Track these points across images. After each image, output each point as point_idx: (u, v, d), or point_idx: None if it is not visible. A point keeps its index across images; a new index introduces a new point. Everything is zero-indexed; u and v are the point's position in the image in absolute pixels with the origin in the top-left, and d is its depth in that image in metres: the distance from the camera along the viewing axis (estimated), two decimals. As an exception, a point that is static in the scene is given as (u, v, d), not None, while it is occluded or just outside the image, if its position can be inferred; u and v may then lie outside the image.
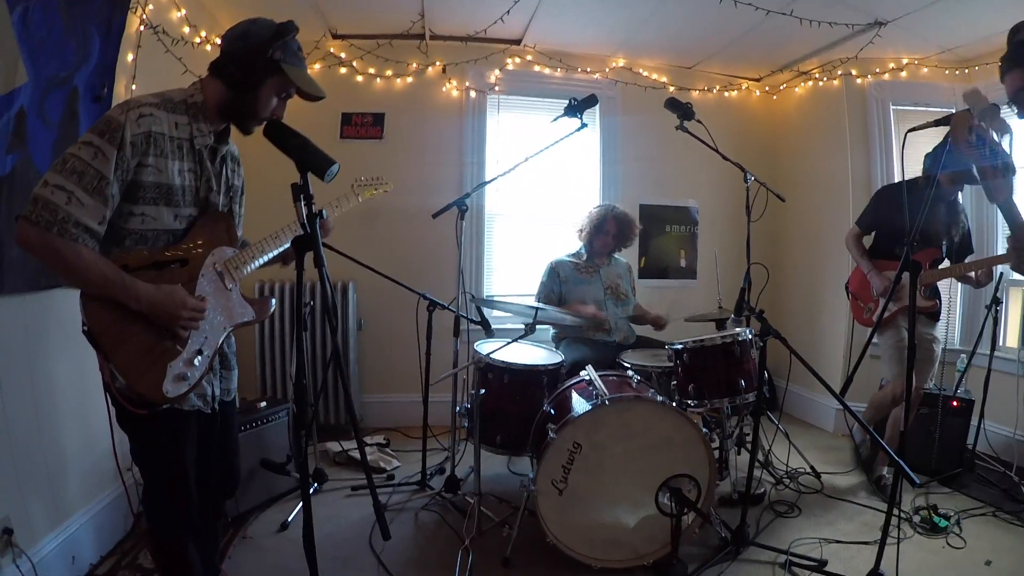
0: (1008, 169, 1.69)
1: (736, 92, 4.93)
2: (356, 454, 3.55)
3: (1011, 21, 3.54)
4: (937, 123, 1.92)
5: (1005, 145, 1.75)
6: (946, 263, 3.27)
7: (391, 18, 3.92)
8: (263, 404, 2.99)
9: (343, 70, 4.13)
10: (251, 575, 2.32)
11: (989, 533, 2.80)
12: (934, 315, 3.28)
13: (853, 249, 3.40)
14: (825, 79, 4.51)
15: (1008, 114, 1.89)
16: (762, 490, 3.16)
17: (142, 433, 1.62)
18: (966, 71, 4.15)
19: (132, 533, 2.55)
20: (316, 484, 3.10)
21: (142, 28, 2.66)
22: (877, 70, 4.27)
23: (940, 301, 3.32)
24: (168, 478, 1.65)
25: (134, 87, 2.55)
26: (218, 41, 3.31)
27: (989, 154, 1.68)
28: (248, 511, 2.79)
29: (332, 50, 4.10)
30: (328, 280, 1.44)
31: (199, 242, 1.64)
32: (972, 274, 3.15)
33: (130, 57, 2.55)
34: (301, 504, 2.86)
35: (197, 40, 3.20)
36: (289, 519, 2.75)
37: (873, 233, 3.43)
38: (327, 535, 2.61)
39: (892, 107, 4.30)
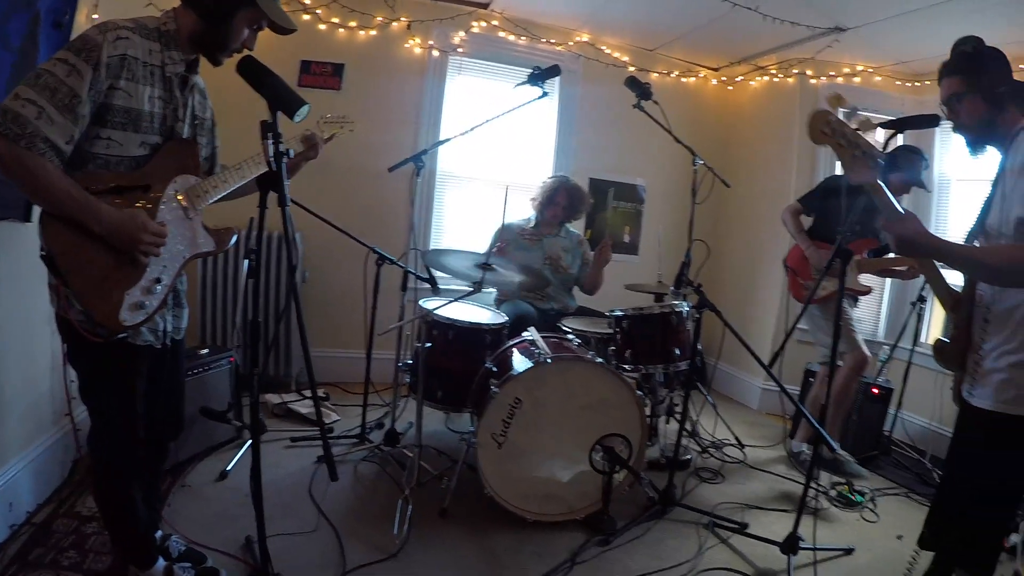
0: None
1: (694, 79, 5.05)
2: (295, 406, 3.57)
3: (968, 42, 3.71)
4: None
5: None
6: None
7: (361, -32, 3.84)
8: (204, 351, 2.94)
9: (306, 17, 4.01)
10: (192, 522, 2.31)
11: (901, 511, 3.04)
12: (856, 299, 3.45)
13: (790, 224, 3.48)
14: (781, 76, 4.66)
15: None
16: (688, 456, 3.35)
17: (95, 369, 1.61)
18: (917, 84, 4.36)
19: (70, 480, 2.49)
20: (256, 433, 3.10)
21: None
22: (832, 73, 4.44)
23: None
24: (118, 416, 1.64)
25: (95, 16, 2.42)
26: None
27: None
28: (187, 460, 2.76)
29: (297, -5, 3.98)
30: (291, 221, 1.46)
31: (162, 169, 1.62)
32: (901, 267, 3.33)
33: (95, -16, 2.43)
34: (244, 449, 2.91)
35: (163, -29, 3.07)
36: (228, 468, 2.74)
37: (817, 219, 3.55)
38: (268, 484, 2.54)
39: (839, 112, 4.47)
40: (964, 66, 1.81)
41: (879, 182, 1.76)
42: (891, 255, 3.42)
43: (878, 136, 2.73)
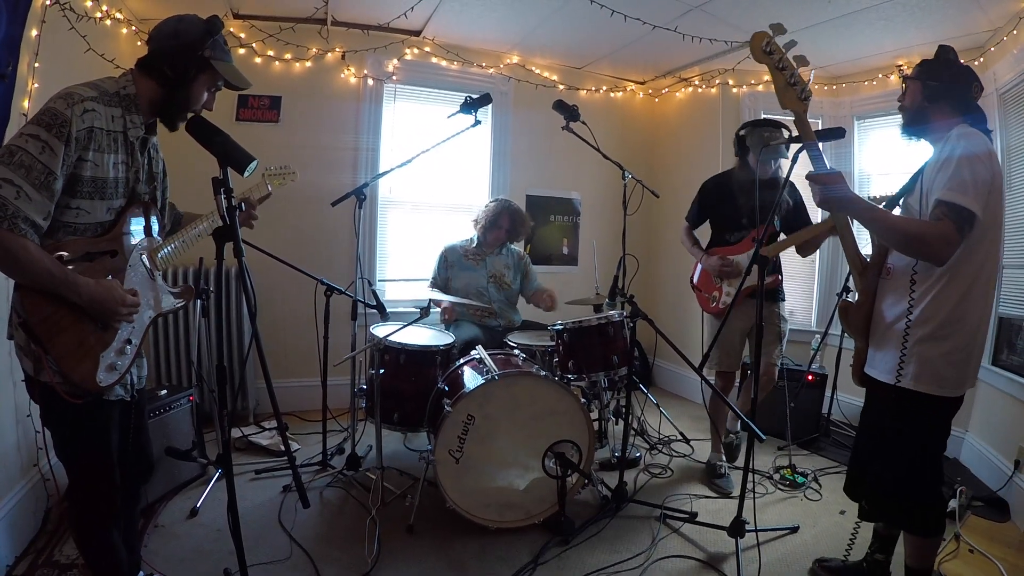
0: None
1: (621, 93, 5.30)
2: (256, 439, 3.61)
3: (879, 47, 4.02)
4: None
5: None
6: (782, 237, 3.29)
7: (295, 2, 3.90)
8: (163, 392, 2.97)
9: (242, 51, 4.06)
10: (170, 561, 2.36)
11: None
12: (775, 293, 3.28)
13: (686, 241, 3.53)
14: (704, 87, 4.93)
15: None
16: (637, 454, 3.55)
17: (69, 427, 1.66)
18: (835, 87, 4.65)
19: (44, 530, 2.50)
20: (220, 469, 3.13)
21: (47, 2, 2.55)
22: (752, 81, 4.72)
23: (781, 276, 3.32)
24: (96, 469, 1.70)
25: (37, 64, 2.44)
26: (119, 15, 3.28)
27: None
28: (156, 500, 2.79)
29: (232, 30, 4.01)
30: (247, 269, 1.57)
31: (127, 232, 1.69)
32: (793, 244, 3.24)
33: (34, 33, 2.45)
34: (211, 485, 2.96)
35: (99, 15, 3.12)
36: (198, 505, 2.78)
37: (710, 227, 3.56)
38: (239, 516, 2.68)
39: (763, 115, 4.62)
40: (925, 61, 2.04)
41: (804, 114, 1.95)
42: (783, 237, 3.34)
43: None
